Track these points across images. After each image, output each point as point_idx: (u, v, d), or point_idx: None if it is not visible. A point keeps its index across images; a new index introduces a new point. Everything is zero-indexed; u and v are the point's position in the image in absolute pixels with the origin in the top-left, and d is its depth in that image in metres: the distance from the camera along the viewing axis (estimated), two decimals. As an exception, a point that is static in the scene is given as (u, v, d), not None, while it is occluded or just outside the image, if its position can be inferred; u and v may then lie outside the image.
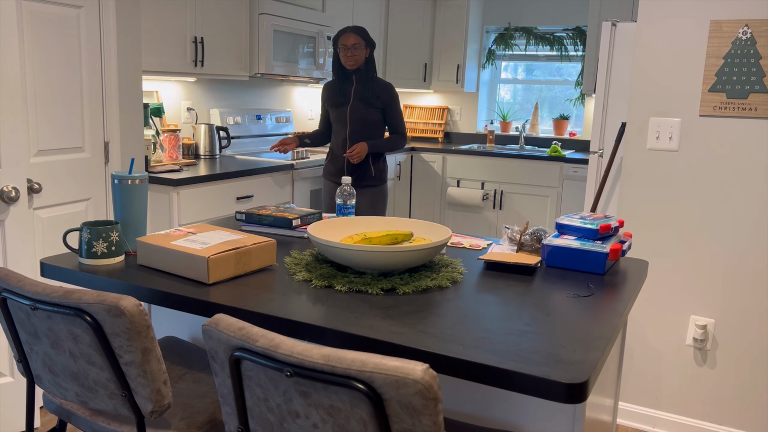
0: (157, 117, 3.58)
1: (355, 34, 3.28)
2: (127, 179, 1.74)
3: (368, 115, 3.39)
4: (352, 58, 3.29)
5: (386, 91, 3.42)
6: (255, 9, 3.80)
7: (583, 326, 1.34)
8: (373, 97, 3.36)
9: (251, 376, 1.13)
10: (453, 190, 5.21)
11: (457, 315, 1.38)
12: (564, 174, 4.86)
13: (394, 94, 3.44)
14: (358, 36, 3.28)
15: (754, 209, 2.50)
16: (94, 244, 1.65)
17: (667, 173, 2.63)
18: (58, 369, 1.39)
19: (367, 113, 3.39)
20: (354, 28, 3.29)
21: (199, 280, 1.55)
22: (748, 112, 2.45)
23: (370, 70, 3.37)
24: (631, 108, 2.66)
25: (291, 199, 3.84)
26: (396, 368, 0.98)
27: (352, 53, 3.29)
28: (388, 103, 3.42)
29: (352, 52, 3.29)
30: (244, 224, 2.13)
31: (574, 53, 5.46)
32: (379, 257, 1.54)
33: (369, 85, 3.36)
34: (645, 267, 1.84)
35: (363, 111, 3.38)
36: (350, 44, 3.27)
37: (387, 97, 3.41)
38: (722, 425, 2.66)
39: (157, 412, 1.35)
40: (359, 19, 5.02)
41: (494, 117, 5.93)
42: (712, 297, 2.62)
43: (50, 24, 2.59)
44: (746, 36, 2.41)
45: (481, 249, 1.97)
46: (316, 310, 1.38)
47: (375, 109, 3.39)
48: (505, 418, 1.48)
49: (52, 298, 1.29)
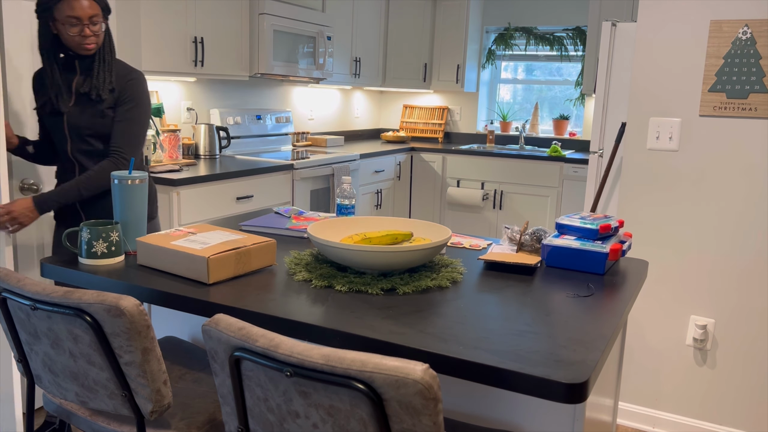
0: (157, 117, 3.59)
1: (94, 1, 2.07)
2: (127, 179, 1.74)
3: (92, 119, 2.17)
4: (92, 37, 2.10)
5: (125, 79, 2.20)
6: (255, 9, 3.80)
7: (583, 326, 1.34)
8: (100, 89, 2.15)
9: (251, 376, 1.14)
10: (453, 190, 5.21)
11: (457, 315, 1.38)
12: (564, 174, 4.86)
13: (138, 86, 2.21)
14: (95, 2, 2.08)
15: (754, 209, 2.50)
16: (94, 244, 1.65)
17: (667, 173, 2.63)
18: (58, 369, 1.40)
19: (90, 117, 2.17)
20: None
21: (199, 280, 1.55)
22: (748, 112, 2.45)
23: (106, 52, 2.17)
24: (631, 108, 2.66)
25: (291, 199, 3.84)
26: (396, 368, 0.98)
27: (91, 29, 2.08)
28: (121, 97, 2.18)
29: (89, 26, 2.07)
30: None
31: (574, 53, 5.46)
32: (379, 257, 1.54)
33: (103, 76, 2.16)
34: (645, 267, 1.84)
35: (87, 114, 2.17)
36: (87, 15, 2.05)
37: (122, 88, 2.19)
38: (722, 425, 2.66)
39: (157, 412, 1.35)
40: (359, 19, 5.02)
41: (494, 117, 5.93)
42: (712, 297, 2.62)
43: (50, 24, 2.59)
44: (746, 36, 2.41)
45: (481, 249, 1.97)
46: (316, 310, 1.38)
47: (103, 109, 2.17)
48: (505, 418, 1.48)
49: (52, 298, 1.29)
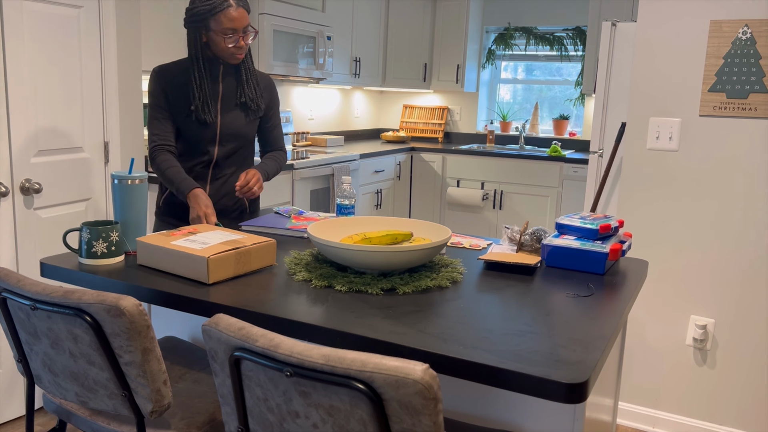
0: (157, 117, 3.58)
1: (245, 10, 2.13)
2: (127, 179, 1.74)
3: (247, 127, 2.27)
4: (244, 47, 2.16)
5: (270, 88, 2.34)
6: (255, 9, 3.80)
7: (583, 326, 1.34)
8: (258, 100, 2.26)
9: (251, 376, 1.13)
10: (453, 190, 5.21)
11: (457, 315, 1.38)
12: (564, 174, 4.86)
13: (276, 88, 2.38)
14: (246, 12, 2.14)
15: (754, 209, 2.50)
16: (94, 244, 1.65)
17: (667, 173, 2.63)
18: (58, 369, 1.39)
19: (245, 125, 2.27)
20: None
21: (199, 280, 1.55)
22: (748, 112, 2.44)
23: (249, 61, 2.25)
24: (631, 108, 2.66)
25: (291, 199, 3.84)
26: (396, 368, 0.98)
27: (244, 39, 2.14)
28: (271, 104, 2.35)
29: (243, 37, 2.14)
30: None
31: (574, 53, 5.46)
32: (379, 257, 1.54)
33: (251, 83, 2.25)
34: (645, 267, 1.84)
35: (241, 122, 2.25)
36: (243, 26, 2.11)
37: (270, 96, 2.33)
38: (722, 425, 2.66)
39: (157, 412, 1.35)
40: (359, 19, 5.02)
41: (494, 117, 5.93)
42: (712, 297, 2.62)
43: (50, 24, 2.59)
44: (746, 36, 2.41)
45: (481, 249, 1.97)
46: (316, 310, 1.38)
47: (255, 117, 2.29)
48: (505, 418, 1.48)
49: (52, 298, 1.29)
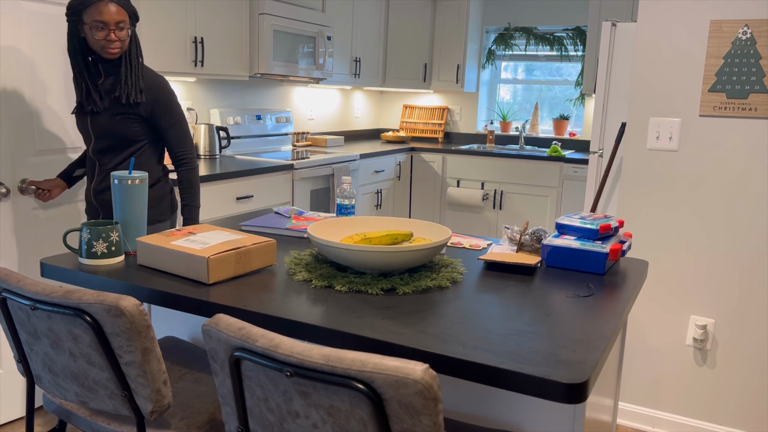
0: (157, 117, 3.58)
1: (120, 6, 2.17)
2: (127, 179, 1.74)
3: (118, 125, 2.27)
4: (117, 42, 2.18)
5: (156, 87, 2.31)
6: (255, 9, 3.80)
7: (583, 326, 1.34)
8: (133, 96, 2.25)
9: (251, 376, 1.13)
10: (453, 190, 5.21)
11: (457, 315, 1.38)
12: (564, 174, 4.86)
13: (168, 90, 2.34)
14: (122, 8, 2.18)
15: (753, 209, 2.50)
16: (94, 244, 1.65)
17: (667, 173, 2.63)
18: (58, 369, 1.39)
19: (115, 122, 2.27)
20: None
21: (199, 280, 1.55)
22: (748, 112, 2.45)
23: (133, 57, 2.27)
24: (631, 108, 2.66)
25: (291, 199, 3.84)
26: (396, 368, 0.98)
27: (115, 33, 2.16)
28: (157, 104, 2.31)
29: (114, 32, 2.16)
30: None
31: (574, 53, 5.46)
32: (379, 257, 1.54)
33: (132, 80, 2.26)
34: (645, 267, 1.84)
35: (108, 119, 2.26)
36: (114, 20, 2.14)
37: (155, 96, 2.30)
38: (722, 425, 2.66)
39: (157, 412, 1.35)
40: (359, 19, 5.02)
41: (494, 117, 5.93)
42: (712, 297, 2.62)
43: (50, 24, 2.59)
44: (746, 36, 2.41)
45: (481, 249, 1.97)
46: (316, 310, 1.38)
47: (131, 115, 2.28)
48: (505, 418, 1.48)
49: (52, 298, 1.29)
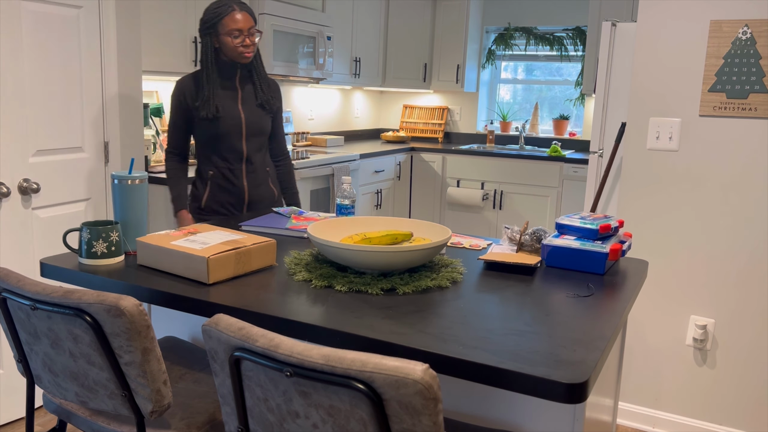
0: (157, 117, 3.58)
1: (248, 14, 2.43)
2: (127, 179, 1.74)
3: (268, 124, 2.59)
4: (251, 46, 2.44)
5: (277, 91, 2.63)
6: (255, 9, 3.79)
7: (583, 326, 1.34)
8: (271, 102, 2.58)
9: (251, 376, 1.13)
10: (453, 190, 5.21)
11: (457, 315, 1.38)
12: (564, 174, 4.86)
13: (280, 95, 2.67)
14: (250, 16, 2.44)
15: (754, 209, 2.50)
16: (94, 244, 1.65)
17: (667, 173, 2.63)
18: (58, 369, 1.39)
19: (267, 122, 2.58)
20: (242, 3, 2.43)
21: (199, 280, 1.55)
22: (748, 112, 2.45)
23: (260, 66, 2.56)
24: (631, 108, 2.66)
25: (291, 199, 3.83)
26: (396, 368, 0.98)
27: (249, 38, 2.43)
28: (279, 107, 2.65)
29: (249, 37, 2.43)
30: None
31: (574, 53, 5.46)
32: (379, 257, 1.54)
33: (263, 87, 2.55)
34: (645, 267, 1.84)
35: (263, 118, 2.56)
36: (247, 27, 2.41)
37: (278, 99, 2.63)
38: (722, 425, 2.66)
39: (157, 412, 1.35)
40: (359, 19, 5.02)
41: (494, 117, 5.93)
42: (712, 297, 2.62)
43: (50, 24, 2.59)
44: (746, 36, 2.41)
45: (481, 249, 1.97)
46: (316, 310, 1.38)
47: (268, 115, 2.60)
48: (505, 418, 1.48)
49: (52, 298, 1.29)
